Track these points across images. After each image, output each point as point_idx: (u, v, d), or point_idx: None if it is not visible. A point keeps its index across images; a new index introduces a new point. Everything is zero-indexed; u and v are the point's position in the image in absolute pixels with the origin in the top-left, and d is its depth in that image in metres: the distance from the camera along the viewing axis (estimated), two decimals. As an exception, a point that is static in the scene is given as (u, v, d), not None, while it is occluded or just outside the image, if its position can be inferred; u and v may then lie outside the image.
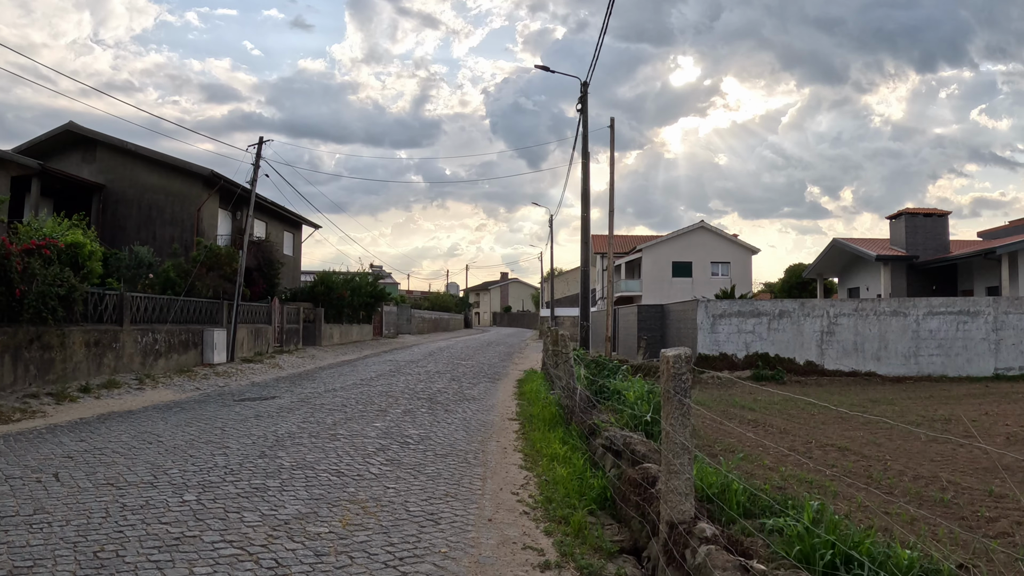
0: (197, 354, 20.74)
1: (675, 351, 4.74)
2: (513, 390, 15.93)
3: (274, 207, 34.66)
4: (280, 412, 11.95)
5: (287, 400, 13.68)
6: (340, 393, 14.82)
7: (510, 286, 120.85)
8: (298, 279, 40.85)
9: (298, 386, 16.58)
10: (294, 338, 29.46)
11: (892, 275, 37.59)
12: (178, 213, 29.38)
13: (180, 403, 13.68)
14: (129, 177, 29.93)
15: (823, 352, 22.27)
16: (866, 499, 6.25)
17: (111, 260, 22.69)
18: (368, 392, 14.98)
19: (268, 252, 32.60)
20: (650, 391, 8.07)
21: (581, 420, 9.29)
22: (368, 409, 12.27)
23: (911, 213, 38.17)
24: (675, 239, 55.93)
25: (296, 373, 20.53)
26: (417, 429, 10.28)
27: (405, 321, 55.12)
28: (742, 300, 22.43)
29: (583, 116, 21.70)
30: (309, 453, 8.32)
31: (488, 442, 9.47)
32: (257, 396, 14.58)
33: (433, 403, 13.34)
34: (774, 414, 14.25)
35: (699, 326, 21.29)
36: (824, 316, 22.29)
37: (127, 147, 29.88)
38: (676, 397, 4.67)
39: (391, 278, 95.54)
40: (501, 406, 13.22)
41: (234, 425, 10.49)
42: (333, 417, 11.30)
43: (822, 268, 45.48)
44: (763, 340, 21.73)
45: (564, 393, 10.58)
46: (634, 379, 10.06)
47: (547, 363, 17.17)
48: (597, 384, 10.16)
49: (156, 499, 6.19)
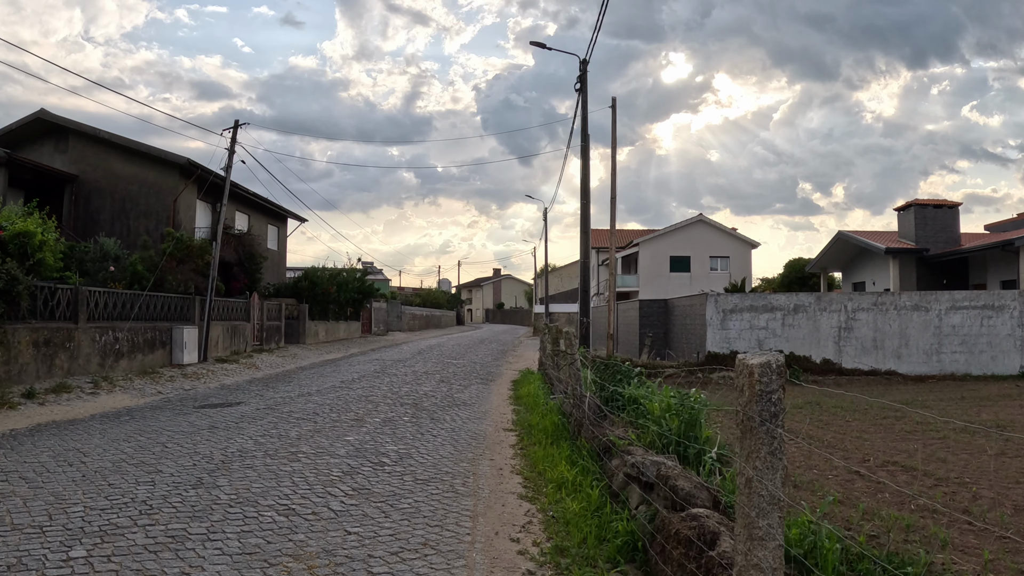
0: (165, 354, 19.08)
1: (761, 358, 3.18)
2: (508, 393, 14.35)
3: (257, 199, 32.96)
4: (240, 422, 10.34)
5: (252, 407, 12.06)
6: (315, 398, 13.20)
7: (503, 282, 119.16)
8: (283, 274, 39.15)
9: (270, 389, 14.96)
10: (275, 336, 27.80)
11: (901, 269, 36.15)
12: (153, 204, 27.69)
13: (133, 410, 12.07)
14: (103, 167, 28.25)
15: (841, 349, 20.77)
16: (983, 545, 4.69)
17: (74, 253, 21.01)
18: (346, 397, 13.37)
19: (249, 245, 30.92)
20: (680, 403, 6.50)
21: (592, 434, 7.72)
22: (342, 418, 10.67)
23: (920, 204, 36.74)
24: (673, 233, 54.43)
25: (272, 374, 18.89)
26: (396, 444, 8.69)
27: (395, 318, 53.46)
28: (754, 294, 20.92)
29: (582, 96, 20.10)
30: (258, 480, 6.71)
31: (480, 461, 7.89)
32: (221, 402, 12.97)
33: (418, 410, 11.74)
34: (802, 420, 12.72)
35: (708, 322, 19.75)
36: (842, 311, 20.79)
37: (100, 135, 28.18)
38: (764, 427, 3.10)
39: (382, 274, 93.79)
40: (495, 413, 11.63)
41: (180, 439, 8.88)
42: (299, 429, 9.69)
43: (826, 262, 44.03)
44: (777, 337, 20.21)
45: (571, 400, 9.02)
46: (651, 384, 8.50)
47: (545, 364, 15.61)
48: (608, 391, 8.61)
49: (33, 554, 4.59)
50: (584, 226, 19.37)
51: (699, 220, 54.78)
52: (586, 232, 19.34)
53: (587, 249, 19.20)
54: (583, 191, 19.59)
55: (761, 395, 3.14)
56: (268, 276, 35.35)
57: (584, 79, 19.96)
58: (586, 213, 19.35)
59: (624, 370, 9.07)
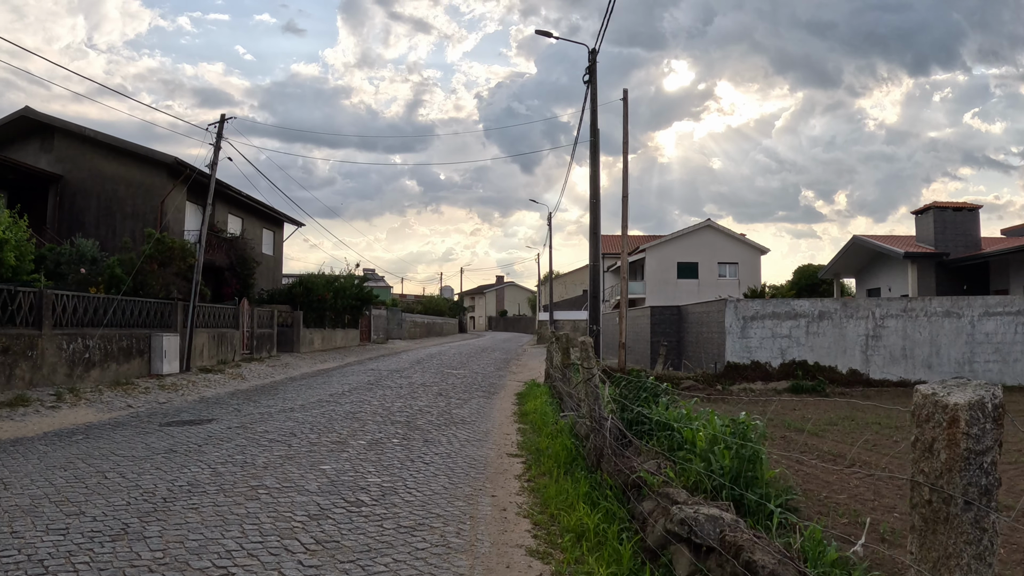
0: (143, 363, 17.74)
1: (967, 393, 1.81)
2: (512, 409, 12.97)
3: (251, 202, 31.72)
4: (204, 444, 8.97)
5: (224, 425, 10.69)
6: (296, 415, 11.83)
7: (506, 290, 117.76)
8: (280, 280, 37.85)
9: (251, 403, 13.59)
10: (267, 344, 26.44)
11: (919, 274, 34.74)
12: (140, 206, 26.49)
13: (92, 428, 10.72)
14: (88, 167, 27.07)
15: (868, 359, 19.35)
16: None
17: (50, 255, 19.73)
18: (332, 413, 11.99)
19: (242, 250, 29.65)
20: (738, 434, 5.12)
21: (615, 467, 6.36)
22: (322, 440, 9.29)
23: (940, 207, 35.35)
24: (680, 239, 53.05)
25: (258, 386, 17.53)
26: (380, 475, 7.31)
27: (396, 326, 52.10)
28: (776, 299, 19.52)
29: (591, 87, 18.78)
30: (199, 529, 5.34)
31: (480, 498, 6.51)
32: (192, 418, 11.60)
33: (411, 429, 10.36)
34: (844, 438, 11.32)
35: (727, 330, 18.35)
36: (869, 318, 19.38)
37: (85, 133, 27.01)
38: (971, 513, 1.75)
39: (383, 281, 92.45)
40: (497, 433, 10.25)
41: (126, 468, 7.52)
42: (270, 454, 8.32)
43: (839, 268, 42.63)
44: (801, 346, 18.80)
45: (586, 422, 7.65)
46: (684, 403, 7.12)
47: (553, 376, 14.23)
48: (632, 412, 7.24)
49: None
50: (594, 227, 18.03)
51: (707, 225, 53.41)
52: (595, 234, 18.01)
53: (597, 252, 17.85)
54: (592, 190, 18.25)
55: (968, 458, 1.77)
56: (263, 282, 34.04)
57: (593, 70, 18.67)
58: (596, 213, 18.01)
59: (648, 386, 7.70)
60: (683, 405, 7.01)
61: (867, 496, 6.73)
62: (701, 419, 6.22)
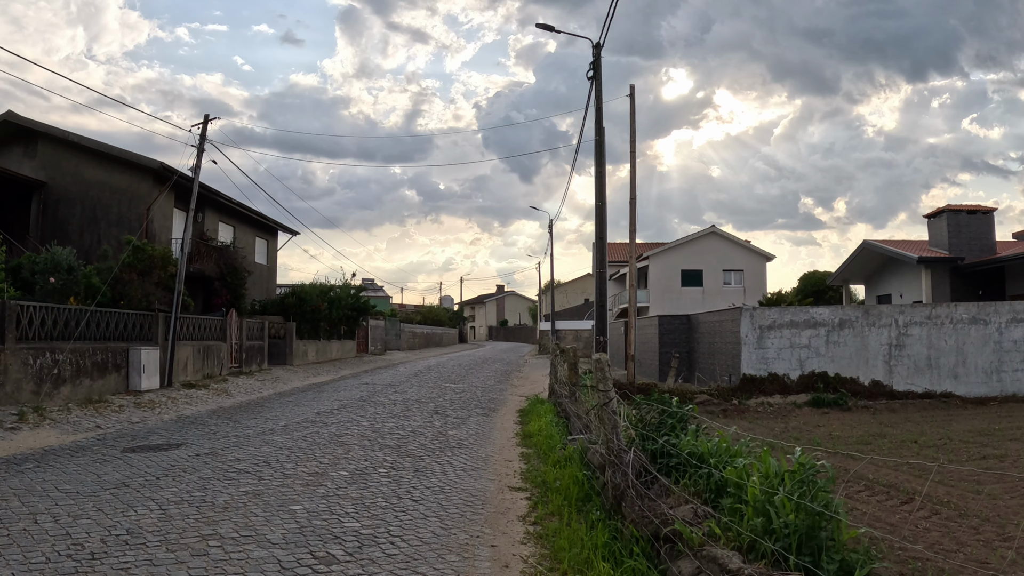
0: (120, 379, 16.63)
1: None
2: (514, 429, 11.84)
3: (243, 210, 30.65)
4: (163, 476, 7.86)
5: (192, 451, 9.57)
6: (276, 438, 10.71)
7: (506, 299, 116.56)
8: (274, 291, 36.76)
9: (230, 424, 12.48)
10: (257, 357, 25.31)
11: (933, 279, 33.63)
12: (125, 213, 25.44)
13: (49, 453, 9.63)
14: (73, 173, 26.06)
15: (891, 369, 18.24)
16: None
17: (27, 264, 18.63)
18: (315, 436, 10.87)
19: (232, 259, 28.56)
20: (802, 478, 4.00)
21: (640, 512, 5.25)
22: (298, 471, 8.17)
23: (953, 210, 34.28)
24: (684, 246, 51.96)
25: (243, 403, 16.42)
26: (360, 518, 6.19)
27: (394, 336, 50.96)
28: (794, 307, 18.43)
29: (596, 83, 17.75)
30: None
31: (476, 548, 5.40)
32: (160, 442, 10.49)
33: (401, 455, 9.24)
34: (880, 461, 10.19)
35: (743, 340, 17.23)
36: (892, 326, 18.28)
37: (69, 138, 26.01)
38: None
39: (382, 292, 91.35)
40: (498, 460, 9.13)
41: (64, 507, 6.41)
42: (234, 490, 7.20)
43: (848, 274, 41.53)
44: (820, 356, 17.69)
45: (602, 451, 6.55)
46: (720, 432, 6.01)
47: (558, 392, 13.12)
48: (657, 443, 6.14)
49: None
50: (600, 231, 16.96)
51: (711, 232, 52.33)
52: (602, 238, 16.93)
53: (603, 257, 16.77)
54: (598, 192, 17.19)
55: None
56: (256, 292, 32.95)
57: (598, 65, 17.64)
58: (602, 216, 16.94)
59: (676, 413, 6.58)
60: (718, 433, 5.90)
61: (946, 544, 5.61)
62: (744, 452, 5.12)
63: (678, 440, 6.21)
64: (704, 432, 6.51)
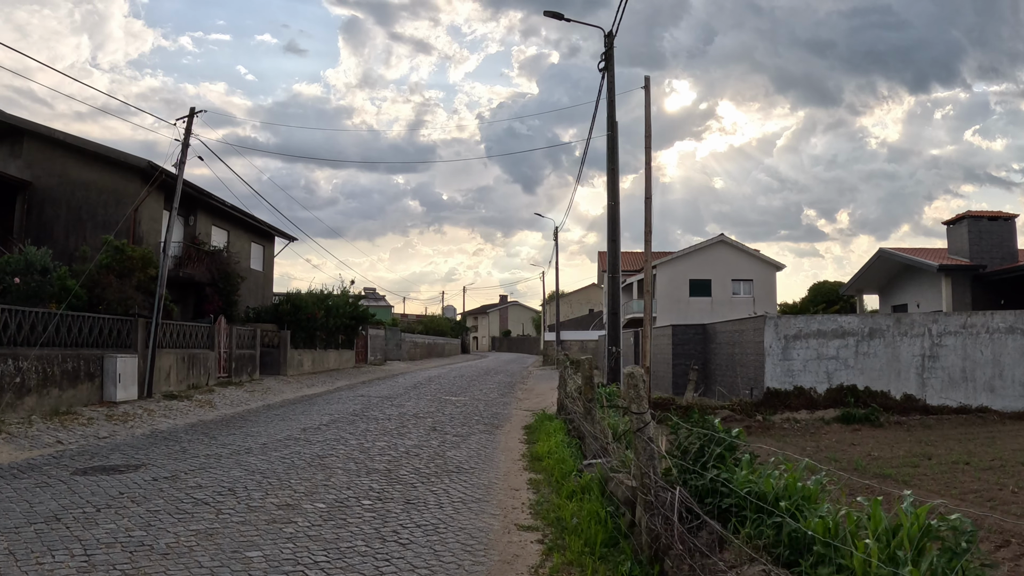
0: (94, 389, 15.39)
1: None
2: (520, 449, 10.57)
3: (239, 214, 29.49)
4: (107, 507, 6.62)
5: (151, 474, 8.32)
6: (251, 458, 9.45)
7: (509, 309, 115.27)
8: (269, 298, 35.53)
9: (204, 440, 11.23)
10: (247, 367, 24.07)
11: (954, 288, 32.32)
12: (112, 214, 24.23)
13: (-12, 477, 8.38)
14: (59, 173, 24.94)
15: (924, 382, 16.95)
16: None
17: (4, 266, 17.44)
18: (295, 457, 9.61)
19: (225, 264, 27.37)
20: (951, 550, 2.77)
21: (691, 572, 4.00)
22: (267, 501, 6.92)
23: (974, 216, 33.01)
24: (692, 254, 50.70)
25: (226, 416, 15.18)
26: (330, 571, 4.93)
27: (394, 346, 49.68)
28: (821, 315, 17.15)
29: (608, 75, 16.58)
30: None
31: (477, 618, 4.14)
32: (119, 463, 9.24)
33: (390, 482, 7.98)
34: (940, 487, 8.92)
35: (767, 351, 15.96)
36: (925, 335, 17.00)
37: (55, 136, 24.92)
38: None
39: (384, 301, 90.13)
40: (503, 488, 7.86)
41: (-36, 556, 5.16)
42: (183, 528, 5.95)
43: (862, 283, 40.24)
44: (849, 368, 16.41)
45: (637, 485, 5.29)
46: (788, 467, 4.76)
47: (569, 408, 11.85)
48: (704, 479, 4.89)
49: None
50: (612, 234, 15.73)
51: (720, 241, 51.07)
52: (615, 241, 15.71)
53: (616, 261, 15.54)
54: (611, 191, 15.98)
55: None
56: (251, 299, 31.74)
57: (610, 56, 16.48)
58: (615, 217, 15.73)
59: (720, 439, 5.33)
60: (787, 467, 4.64)
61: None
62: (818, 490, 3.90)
63: (731, 475, 4.96)
64: (757, 462, 5.26)
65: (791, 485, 4.45)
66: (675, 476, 5.23)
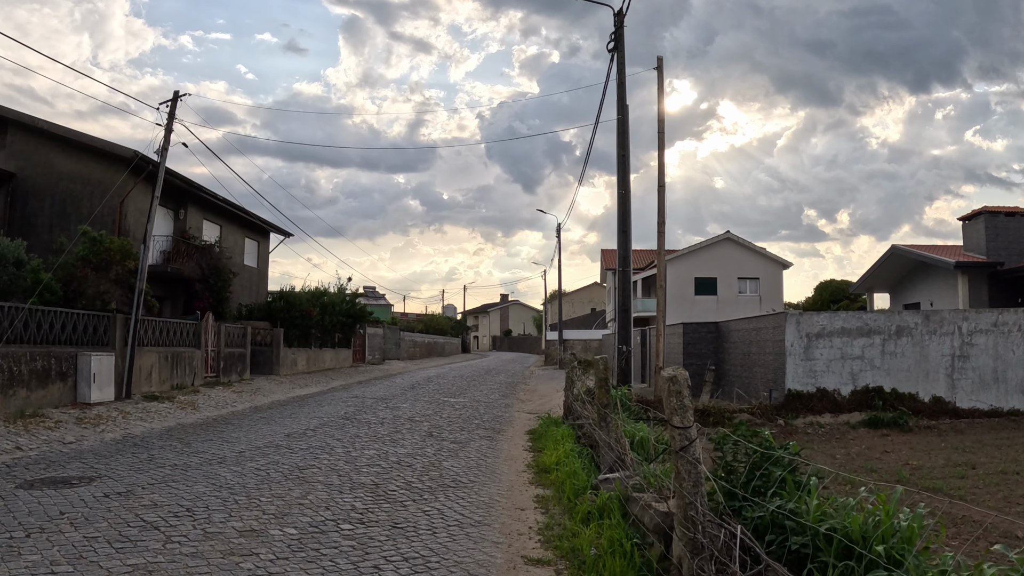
0: (66, 389, 14.35)
1: None
2: (525, 458, 9.52)
3: (231, 207, 28.46)
4: (37, 532, 5.57)
5: (103, 488, 7.27)
6: (222, 470, 8.40)
7: (510, 308, 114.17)
8: (264, 295, 34.49)
9: (176, 448, 10.18)
10: (237, 366, 23.02)
11: (970, 286, 31.24)
12: (98, 207, 23.23)
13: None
14: (44, 163, 23.96)
15: (954, 383, 15.90)
16: None
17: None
18: (272, 468, 8.55)
19: (215, 259, 26.33)
20: None
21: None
22: (228, 526, 5.87)
23: (991, 212, 31.95)
24: (698, 252, 49.61)
25: (207, 419, 14.14)
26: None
27: (393, 345, 48.62)
28: (846, 313, 16.10)
29: (618, 56, 15.53)
30: None
31: None
32: (74, 474, 8.19)
33: (376, 499, 6.93)
34: (1001, 501, 7.86)
35: (788, 350, 14.90)
36: (955, 334, 15.95)
37: (39, 125, 23.93)
38: None
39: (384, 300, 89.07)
40: (507, 507, 6.81)
41: None
42: (120, 562, 4.91)
43: (873, 281, 39.17)
44: (875, 368, 15.36)
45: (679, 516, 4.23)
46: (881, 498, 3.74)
47: (578, 412, 10.79)
48: (765, 511, 3.86)
49: None
50: (623, 224, 14.68)
51: (726, 238, 49.96)
52: (625, 232, 14.65)
53: (627, 253, 14.49)
54: (621, 178, 14.93)
55: None
56: (245, 296, 30.71)
57: (620, 36, 15.43)
58: (625, 205, 14.67)
59: (779, 454, 4.29)
60: (879, 498, 3.59)
61: None
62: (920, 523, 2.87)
63: (798, 504, 3.91)
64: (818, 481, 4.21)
65: (886, 524, 3.40)
66: (721, 504, 4.17)
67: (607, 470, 7.45)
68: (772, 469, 4.26)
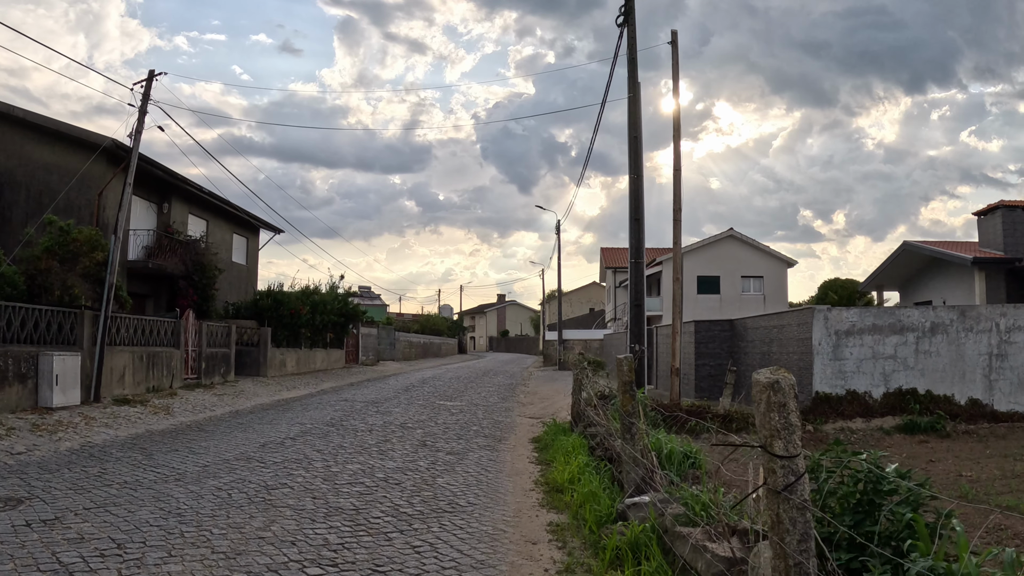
0: (27, 392, 13.07)
1: None
2: (532, 472, 8.27)
3: (218, 202, 27.18)
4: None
5: (29, 514, 6.00)
6: (177, 489, 7.14)
7: (507, 309, 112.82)
8: (254, 294, 33.23)
9: (134, 460, 8.92)
10: (220, 367, 21.73)
11: (987, 282, 30.05)
12: (76, 199, 21.90)
13: None
14: (18, 154, 22.65)
15: (992, 384, 14.67)
16: None
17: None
18: (235, 488, 7.29)
19: (200, 255, 25.02)
20: None
21: None
22: (161, 573, 4.61)
23: (1009, 206, 30.72)
24: (700, 250, 48.38)
25: (179, 426, 12.87)
26: None
27: (388, 346, 47.34)
28: (877, 308, 14.92)
29: (628, 30, 14.29)
30: None
31: None
32: (3, 494, 6.93)
33: (354, 531, 5.68)
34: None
35: (815, 349, 13.67)
36: (993, 331, 14.74)
37: (14, 113, 22.59)
38: None
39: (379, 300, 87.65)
40: (515, 540, 5.56)
41: None
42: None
43: (883, 279, 37.92)
44: (909, 369, 14.14)
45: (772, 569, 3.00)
46: None
47: (590, 418, 9.55)
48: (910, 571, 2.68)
49: None
50: (635, 211, 13.44)
51: (729, 235, 48.78)
52: (638, 220, 13.42)
53: (640, 245, 13.26)
54: (632, 163, 13.70)
55: None
56: (233, 295, 29.40)
57: (631, 7, 14.20)
58: (637, 192, 13.43)
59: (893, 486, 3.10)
60: None
61: None
62: None
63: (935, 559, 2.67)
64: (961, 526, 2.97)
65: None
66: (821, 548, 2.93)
67: (633, 490, 6.22)
68: (898, 510, 3.02)
